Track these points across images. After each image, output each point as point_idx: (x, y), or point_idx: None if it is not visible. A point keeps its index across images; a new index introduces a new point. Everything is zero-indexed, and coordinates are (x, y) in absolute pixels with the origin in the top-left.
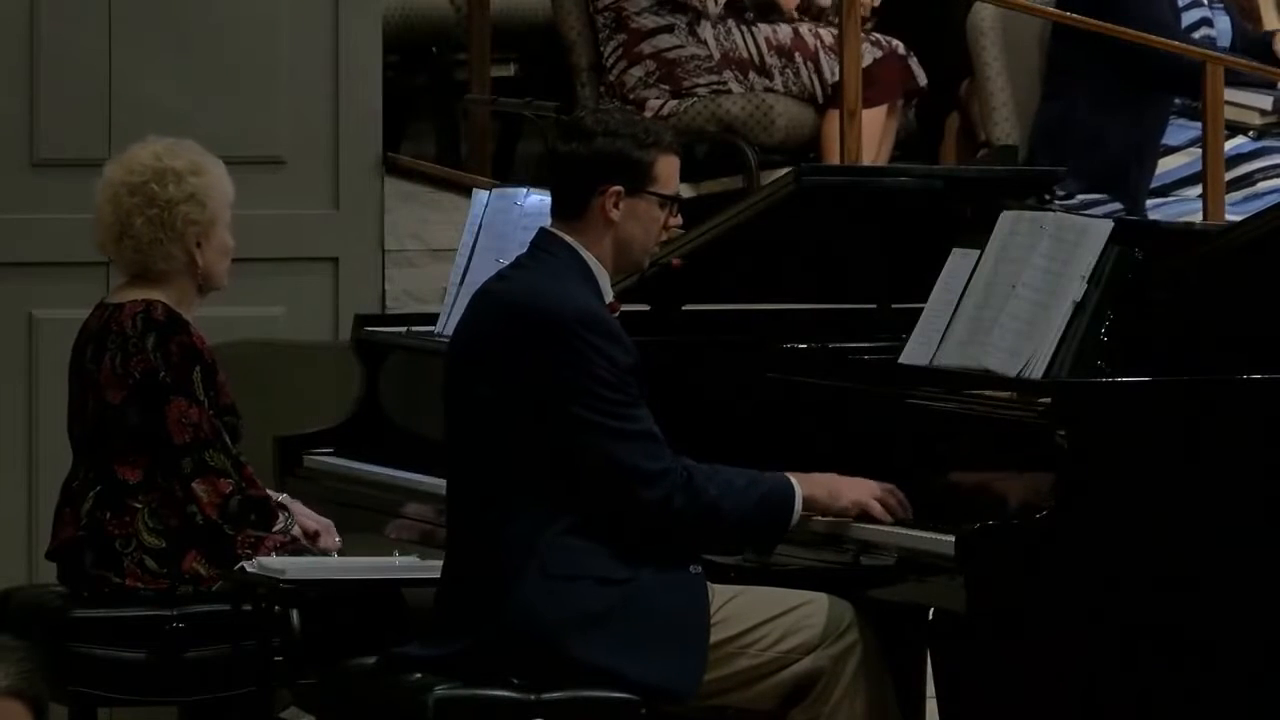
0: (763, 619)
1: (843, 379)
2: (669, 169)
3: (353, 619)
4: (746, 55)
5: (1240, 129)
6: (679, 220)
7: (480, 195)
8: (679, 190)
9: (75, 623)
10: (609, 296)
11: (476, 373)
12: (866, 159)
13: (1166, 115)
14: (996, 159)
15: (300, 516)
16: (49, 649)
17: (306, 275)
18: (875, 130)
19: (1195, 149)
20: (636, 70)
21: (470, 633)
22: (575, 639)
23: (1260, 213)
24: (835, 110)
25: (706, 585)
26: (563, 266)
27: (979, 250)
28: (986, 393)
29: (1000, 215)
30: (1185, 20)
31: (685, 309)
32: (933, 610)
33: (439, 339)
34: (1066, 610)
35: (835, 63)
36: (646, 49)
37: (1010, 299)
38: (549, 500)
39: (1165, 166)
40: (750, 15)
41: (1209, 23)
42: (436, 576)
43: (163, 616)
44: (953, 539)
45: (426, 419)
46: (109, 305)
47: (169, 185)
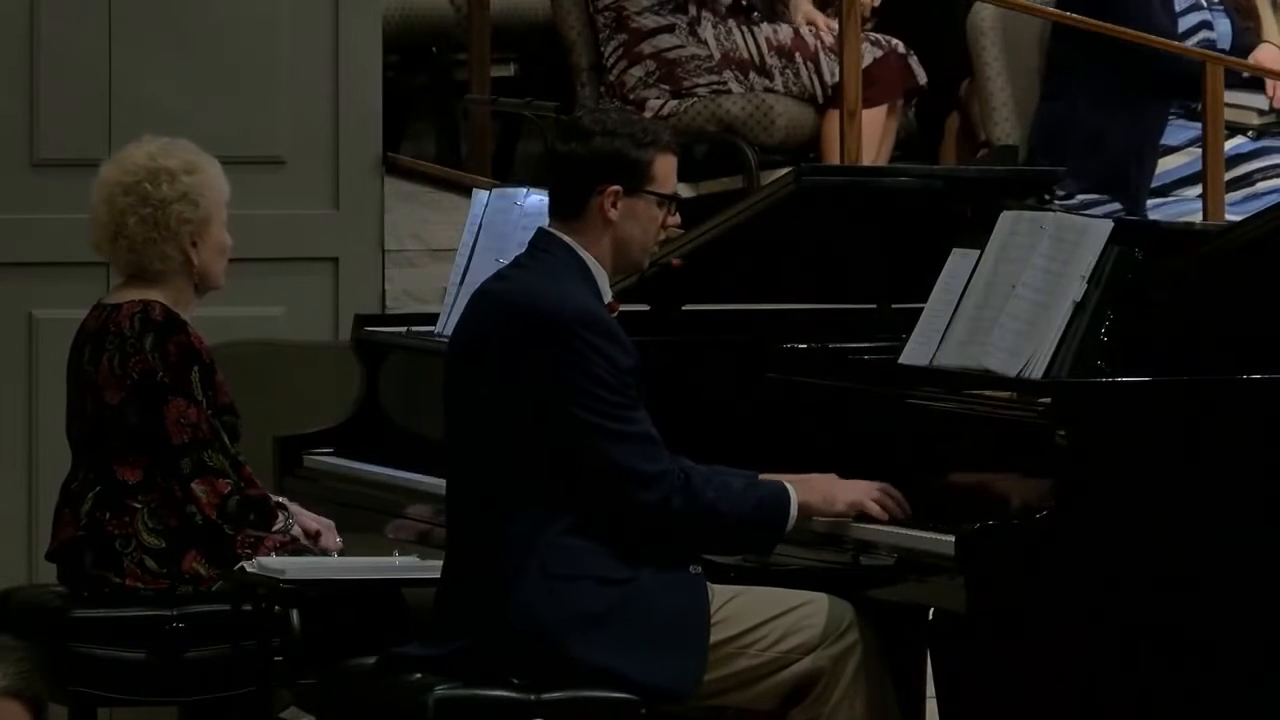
0: (763, 619)
1: (843, 379)
2: (667, 168)
3: (353, 619)
4: (747, 55)
5: (1240, 129)
6: (677, 219)
7: (480, 195)
8: (677, 189)
9: (75, 623)
10: (608, 296)
11: (476, 373)
12: (866, 159)
13: (1166, 115)
14: (996, 159)
15: (300, 515)
16: (49, 649)
17: (306, 275)
18: (875, 130)
19: (1195, 149)
20: (637, 70)
21: (470, 633)
22: (575, 639)
23: (1260, 213)
24: (835, 110)
25: (706, 585)
26: (562, 266)
27: (979, 250)
28: (986, 393)
29: (1000, 215)
30: (1185, 23)
31: (685, 309)
32: (933, 610)
33: (439, 339)
34: (1066, 610)
35: (835, 63)
36: (647, 49)
37: (1010, 299)
38: (549, 500)
39: (1165, 166)
40: (757, 15)
41: (1209, 25)
42: (436, 576)
43: (163, 616)
44: (953, 539)
45: (426, 419)
46: (106, 306)
47: (162, 184)
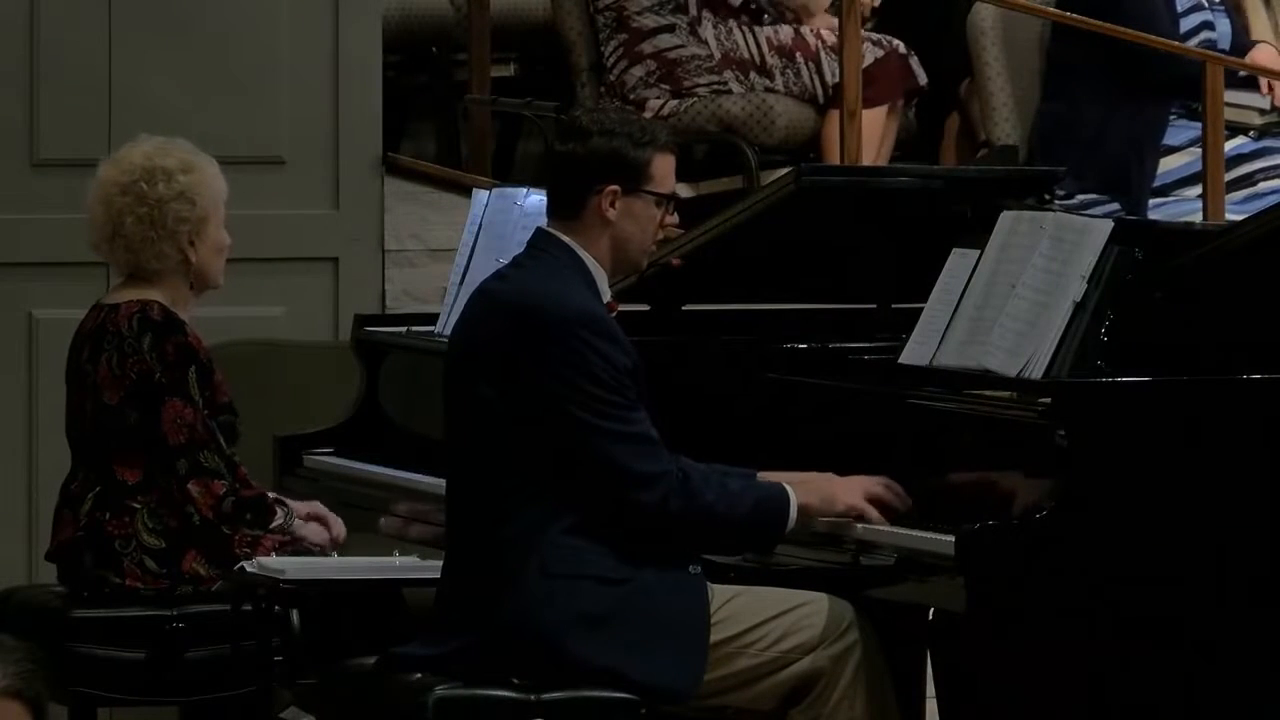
0: (763, 619)
1: (843, 379)
2: (665, 168)
3: (353, 619)
4: (747, 55)
5: (1241, 129)
6: (675, 219)
7: (480, 195)
8: (675, 189)
9: (75, 623)
10: (607, 296)
11: (476, 372)
12: (866, 159)
13: (1166, 115)
14: (996, 159)
15: (297, 507)
16: (49, 649)
17: (306, 275)
18: (875, 130)
19: (1195, 149)
20: (637, 70)
21: (470, 633)
22: (575, 639)
23: (1260, 213)
24: (835, 110)
25: (706, 585)
26: (561, 266)
27: (979, 250)
28: (986, 393)
29: (1000, 215)
30: (1187, 24)
31: (685, 309)
32: (933, 610)
33: (439, 339)
34: (1066, 610)
35: (835, 63)
36: (647, 49)
37: (1010, 299)
38: (549, 500)
39: (1165, 166)
40: (767, 17)
41: (1210, 25)
42: (436, 576)
43: (162, 616)
44: (953, 539)
45: (426, 419)
46: (105, 306)
47: (159, 184)
